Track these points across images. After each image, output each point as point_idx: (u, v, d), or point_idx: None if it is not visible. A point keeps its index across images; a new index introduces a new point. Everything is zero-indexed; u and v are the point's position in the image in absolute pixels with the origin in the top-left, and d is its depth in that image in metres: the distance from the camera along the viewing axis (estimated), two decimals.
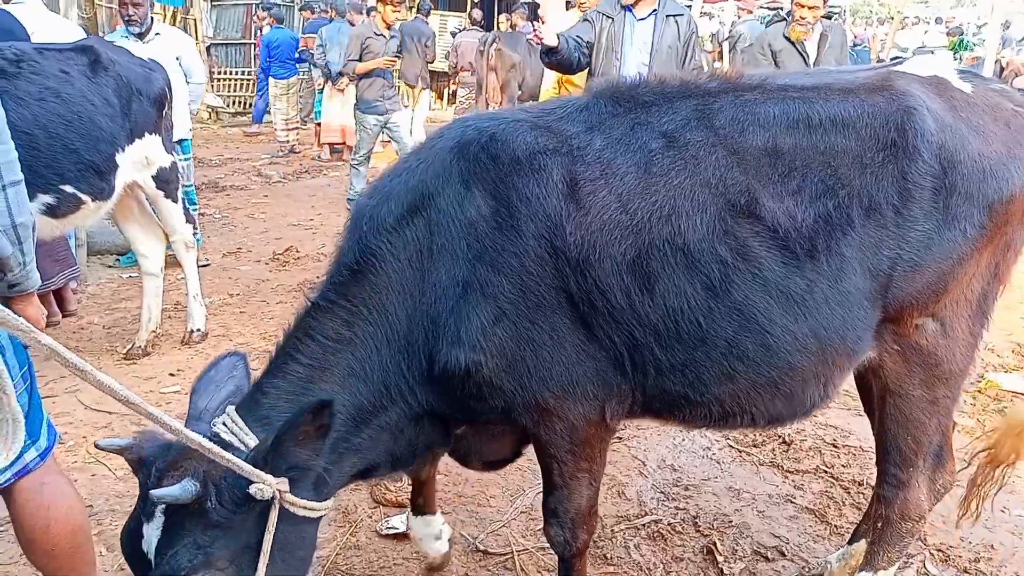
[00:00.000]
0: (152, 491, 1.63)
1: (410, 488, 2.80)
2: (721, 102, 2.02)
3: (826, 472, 3.59)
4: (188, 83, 6.11)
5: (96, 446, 1.76)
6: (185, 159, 6.31)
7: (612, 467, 3.61)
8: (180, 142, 6.07)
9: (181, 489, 1.62)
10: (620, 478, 3.53)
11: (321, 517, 1.91)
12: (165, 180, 4.49)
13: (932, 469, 2.39)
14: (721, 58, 13.27)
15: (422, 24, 11.94)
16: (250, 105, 15.81)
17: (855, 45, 14.55)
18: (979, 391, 4.41)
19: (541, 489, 3.44)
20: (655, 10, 4.52)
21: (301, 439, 1.70)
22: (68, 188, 3.67)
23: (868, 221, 1.96)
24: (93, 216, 4.05)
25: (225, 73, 16.60)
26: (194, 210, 6.62)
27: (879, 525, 2.44)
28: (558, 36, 4.32)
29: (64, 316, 5.12)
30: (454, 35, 15.06)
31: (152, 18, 5.89)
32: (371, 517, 3.18)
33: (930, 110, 2.02)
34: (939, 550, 3.05)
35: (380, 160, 9.14)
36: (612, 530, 3.15)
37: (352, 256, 1.96)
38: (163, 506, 1.66)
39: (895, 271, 2.00)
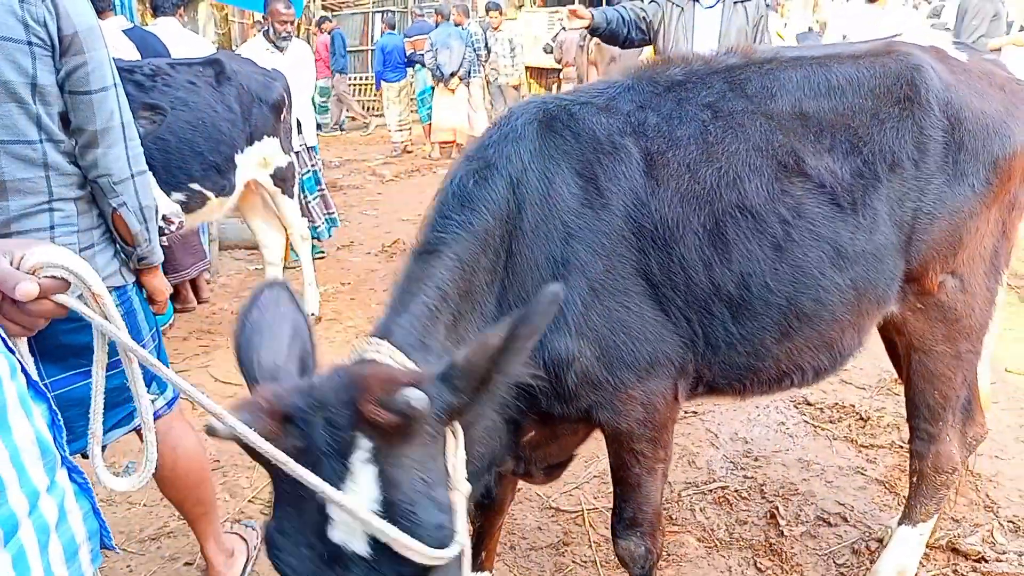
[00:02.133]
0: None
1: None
2: (747, 73, 2.12)
3: (902, 447, 3.60)
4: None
5: (208, 434, 1.26)
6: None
7: (684, 438, 3.78)
8: (311, 148, 6.53)
9: (420, 397, 1.16)
10: (692, 448, 3.69)
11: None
12: (282, 178, 5.00)
13: (962, 423, 2.46)
14: None
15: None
16: (370, 108, 16.66)
17: None
18: None
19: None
20: None
21: (510, 354, 1.19)
22: (195, 186, 4.19)
23: (892, 174, 2.05)
24: (218, 212, 4.58)
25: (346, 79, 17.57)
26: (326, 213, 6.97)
27: (915, 480, 2.54)
28: (592, 14, 4.47)
29: (199, 303, 5.77)
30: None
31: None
32: None
33: (935, 69, 2.12)
34: (1011, 521, 3.06)
35: None
36: (679, 495, 3.32)
37: (459, 216, 1.80)
38: (370, 442, 1.18)
39: (916, 222, 2.09)
